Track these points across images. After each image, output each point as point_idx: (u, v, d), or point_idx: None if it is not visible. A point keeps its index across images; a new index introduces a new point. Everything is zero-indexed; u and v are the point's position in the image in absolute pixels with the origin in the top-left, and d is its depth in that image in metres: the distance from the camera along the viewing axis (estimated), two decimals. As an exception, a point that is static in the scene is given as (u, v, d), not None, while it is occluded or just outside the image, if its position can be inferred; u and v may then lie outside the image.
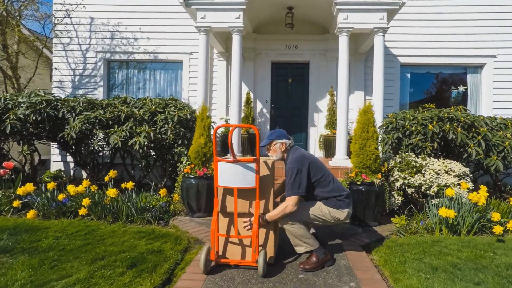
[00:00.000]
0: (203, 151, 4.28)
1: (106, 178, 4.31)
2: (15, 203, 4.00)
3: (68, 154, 6.26)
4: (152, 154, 5.53)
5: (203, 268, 2.54)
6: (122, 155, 5.72)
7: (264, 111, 7.39)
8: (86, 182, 4.24)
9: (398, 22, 6.78)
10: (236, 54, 5.71)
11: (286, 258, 2.94)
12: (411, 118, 4.67)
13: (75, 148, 5.69)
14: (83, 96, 5.51)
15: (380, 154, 4.14)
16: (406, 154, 4.41)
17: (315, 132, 7.28)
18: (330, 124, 6.86)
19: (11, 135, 5.20)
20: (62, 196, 4.00)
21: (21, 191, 4.00)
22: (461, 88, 7.41)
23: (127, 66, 7.63)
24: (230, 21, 5.64)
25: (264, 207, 2.71)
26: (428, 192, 4.01)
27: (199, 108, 4.55)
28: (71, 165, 7.17)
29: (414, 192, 4.18)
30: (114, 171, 4.41)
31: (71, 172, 7.28)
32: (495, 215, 3.32)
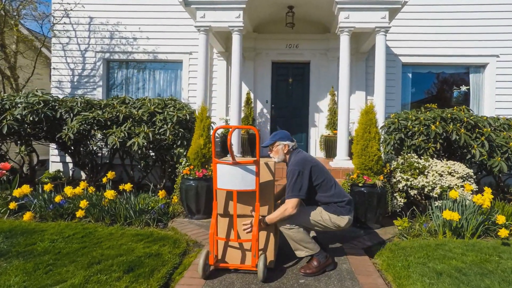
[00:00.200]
0: (203, 152, 4.22)
1: (104, 180, 4.25)
2: (12, 205, 3.94)
3: (67, 155, 6.21)
4: (152, 155, 5.47)
5: (201, 273, 2.48)
6: (121, 156, 5.66)
7: (264, 111, 7.33)
8: (83, 184, 4.18)
9: (399, 22, 6.71)
10: (236, 54, 5.64)
11: (286, 261, 2.88)
12: (414, 118, 4.60)
13: (73, 149, 5.63)
14: (81, 97, 5.45)
15: (382, 155, 4.07)
16: (409, 155, 4.35)
17: (316, 133, 7.21)
18: (331, 125, 6.80)
19: (8, 136, 5.14)
20: (59, 198, 3.94)
21: (17, 193, 3.94)
22: (463, 88, 7.34)
23: (126, 66, 7.57)
24: (230, 20, 5.58)
25: (265, 209, 2.65)
26: (431, 194, 3.94)
27: (199, 108, 4.49)
28: (70, 165, 7.11)
29: (416, 194, 4.11)
30: (112, 173, 4.35)
31: (70, 172, 7.22)
32: (500, 218, 3.26)
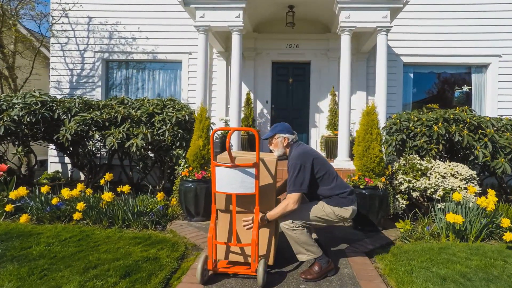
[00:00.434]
0: (202, 154, 4.17)
1: (102, 182, 4.19)
2: (8, 207, 3.88)
3: (66, 156, 6.16)
4: (151, 155, 5.42)
5: (199, 278, 2.42)
6: (120, 157, 5.61)
7: (264, 111, 7.27)
8: (80, 186, 4.12)
9: (401, 21, 6.66)
10: (235, 54, 5.59)
11: (287, 265, 2.82)
12: (416, 119, 4.54)
13: (72, 150, 5.58)
14: (79, 97, 5.40)
15: (384, 156, 4.01)
16: (411, 156, 4.28)
17: (316, 133, 7.16)
18: (332, 125, 6.74)
19: (5, 137, 5.08)
20: (56, 200, 3.88)
21: (13, 195, 3.88)
22: (465, 88, 7.28)
23: (125, 66, 7.52)
24: (229, 20, 5.53)
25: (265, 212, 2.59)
26: (434, 196, 3.88)
27: (198, 109, 4.43)
28: (69, 166, 7.06)
29: (419, 196, 4.05)
30: (110, 174, 4.29)
31: (69, 173, 7.17)
32: (505, 221, 3.19)
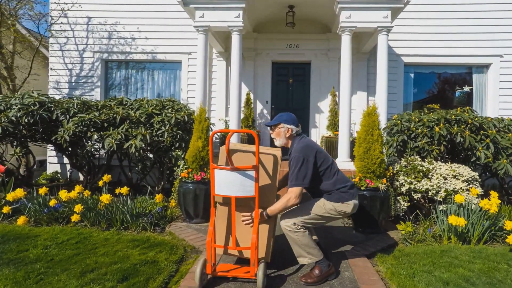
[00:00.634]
0: (201, 155, 4.13)
1: (100, 183, 4.15)
2: (5, 209, 3.84)
3: (64, 156, 6.12)
4: (150, 156, 5.38)
5: (198, 282, 2.38)
6: (119, 157, 5.57)
7: (264, 112, 7.24)
8: (78, 188, 4.08)
9: (402, 21, 6.63)
10: (235, 54, 5.55)
11: (287, 268, 2.78)
12: (417, 120, 4.50)
13: (71, 150, 5.54)
14: (78, 98, 5.36)
15: (385, 157, 3.97)
16: (412, 157, 4.24)
17: (317, 134, 7.12)
18: (332, 125, 6.71)
19: (3, 138, 5.05)
20: (54, 202, 3.84)
21: (10, 196, 3.84)
22: (466, 88, 7.24)
23: (125, 66, 7.49)
24: (229, 20, 5.49)
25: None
26: (435, 197, 3.84)
27: (197, 109, 4.39)
28: (68, 167, 7.02)
29: (420, 197, 4.01)
30: (108, 176, 4.25)
31: (68, 174, 7.14)
32: (508, 224, 3.15)
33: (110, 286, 2.35)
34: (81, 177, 6.65)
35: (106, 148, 4.67)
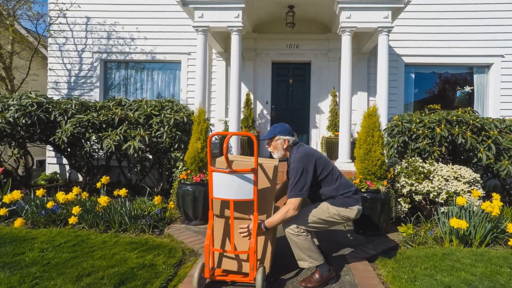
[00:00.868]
0: (200, 156, 4.09)
1: (98, 185, 4.12)
2: (2, 211, 3.80)
3: (63, 157, 6.09)
4: (149, 157, 5.35)
5: (196, 287, 2.34)
6: (118, 158, 5.54)
7: (264, 112, 7.20)
8: (76, 189, 4.04)
9: (402, 21, 6.58)
10: (235, 54, 5.52)
11: (286, 272, 2.74)
12: (418, 121, 4.46)
13: (70, 151, 5.51)
14: (76, 98, 5.32)
15: (385, 159, 3.93)
16: (413, 159, 4.21)
17: (317, 134, 7.08)
18: (332, 126, 6.67)
19: (1, 139, 5.01)
20: (51, 204, 3.81)
21: (7, 199, 3.80)
22: (467, 89, 7.20)
23: (124, 66, 7.45)
24: (229, 20, 5.45)
25: (263, 218, 2.51)
26: (437, 199, 3.80)
27: (196, 110, 4.36)
28: (67, 167, 6.99)
29: (421, 199, 3.97)
30: (107, 177, 4.22)
31: (67, 174, 7.10)
32: (510, 226, 3.11)
33: (107, 291, 2.32)
34: (80, 177, 6.62)
35: (104, 149, 4.63)
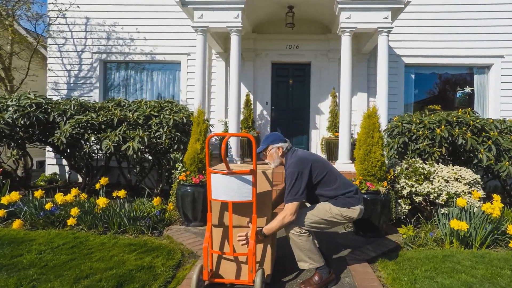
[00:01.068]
0: (199, 157, 4.08)
1: (97, 186, 4.10)
2: (0, 212, 3.78)
3: (63, 158, 6.07)
4: (149, 158, 5.33)
5: (195, 289, 2.32)
6: (118, 159, 5.53)
7: (264, 113, 7.18)
8: (75, 191, 4.03)
9: (402, 22, 6.56)
10: (234, 55, 5.50)
11: (286, 274, 2.73)
12: (418, 121, 4.44)
13: (69, 152, 5.50)
14: (75, 99, 5.30)
15: (385, 160, 3.91)
16: (413, 160, 4.19)
17: (317, 135, 7.06)
18: (332, 127, 6.65)
19: (0, 140, 4.99)
20: (50, 205, 3.79)
21: (5, 200, 3.79)
22: (467, 89, 7.18)
23: (124, 67, 7.43)
24: (228, 20, 5.43)
25: (263, 221, 2.50)
26: (437, 200, 3.79)
27: (196, 111, 4.34)
28: (67, 168, 6.97)
29: (421, 200, 3.96)
30: (106, 178, 4.20)
31: (67, 175, 7.09)
32: (511, 228, 3.10)
33: (105, 293, 2.30)
34: (80, 178, 6.60)
35: (103, 150, 4.62)
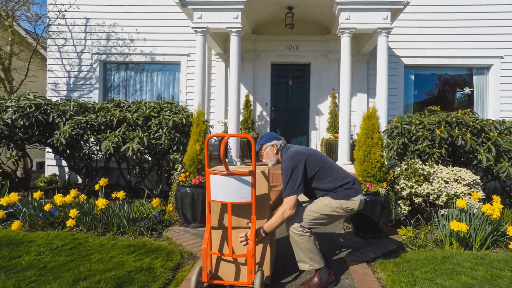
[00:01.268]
0: (199, 158, 4.07)
1: (97, 187, 4.09)
2: (-1, 213, 3.79)
3: (62, 159, 6.06)
4: (148, 159, 5.33)
5: (194, 291, 2.32)
6: (117, 160, 5.52)
7: (264, 114, 7.18)
8: (74, 192, 4.02)
9: (402, 22, 6.57)
10: (234, 56, 5.50)
11: (285, 276, 2.72)
12: (417, 122, 4.44)
13: (68, 153, 5.49)
14: (75, 100, 5.30)
15: (385, 161, 3.90)
16: (413, 160, 4.18)
17: (317, 136, 7.06)
18: (332, 128, 6.65)
19: (0, 140, 4.99)
20: (49, 206, 3.78)
21: (4, 201, 3.78)
22: (467, 90, 7.18)
23: (123, 68, 7.43)
24: (228, 21, 5.43)
25: (262, 223, 2.49)
26: (437, 202, 3.78)
27: (195, 112, 4.34)
28: (66, 169, 6.96)
29: (421, 202, 3.95)
30: (105, 180, 4.19)
31: (66, 176, 7.08)
32: (511, 230, 3.09)
33: (103, 295, 2.30)
34: (79, 179, 6.59)
35: (103, 151, 4.61)
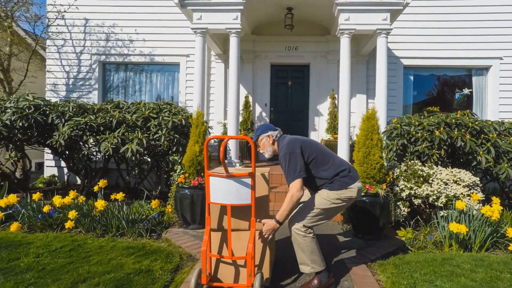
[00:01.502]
0: (198, 160, 4.06)
1: (96, 188, 4.08)
2: (-2, 215, 3.78)
3: (61, 160, 6.05)
4: (148, 160, 5.32)
5: (193, 293, 2.31)
6: (117, 161, 5.51)
7: (263, 114, 7.18)
8: (73, 193, 4.01)
9: (401, 23, 6.58)
10: (233, 56, 5.49)
11: (285, 278, 2.71)
12: (417, 123, 4.44)
13: (68, 154, 5.48)
14: (74, 101, 5.29)
15: (384, 162, 3.91)
16: (412, 162, 4.18)
17: (316, 137, 7.05)
18: (331, 128, 6.65)
19: (-1, 141, 4.98)
20: (47, 208, 3.78)
21: (3, 202, 3.77)
22: (466, 91, 7.18)
23: (123, 68, 7.42)
24: (227, 22, 5.43)
25: (261, 225, 2.49)
26: (436, 203, 3.78)
27: (195, 113, 4.33)
28: (65, 170, 6.95)
29: (420, 203, 3.95)
30: (104, 181, 4.18)
31: (65, 177, 7.07)
32: (510, 231, 3.10)
33: (102, 298, 2.29)
34: (78, 180, 6.58)
35: (102, 152, 4.61)
